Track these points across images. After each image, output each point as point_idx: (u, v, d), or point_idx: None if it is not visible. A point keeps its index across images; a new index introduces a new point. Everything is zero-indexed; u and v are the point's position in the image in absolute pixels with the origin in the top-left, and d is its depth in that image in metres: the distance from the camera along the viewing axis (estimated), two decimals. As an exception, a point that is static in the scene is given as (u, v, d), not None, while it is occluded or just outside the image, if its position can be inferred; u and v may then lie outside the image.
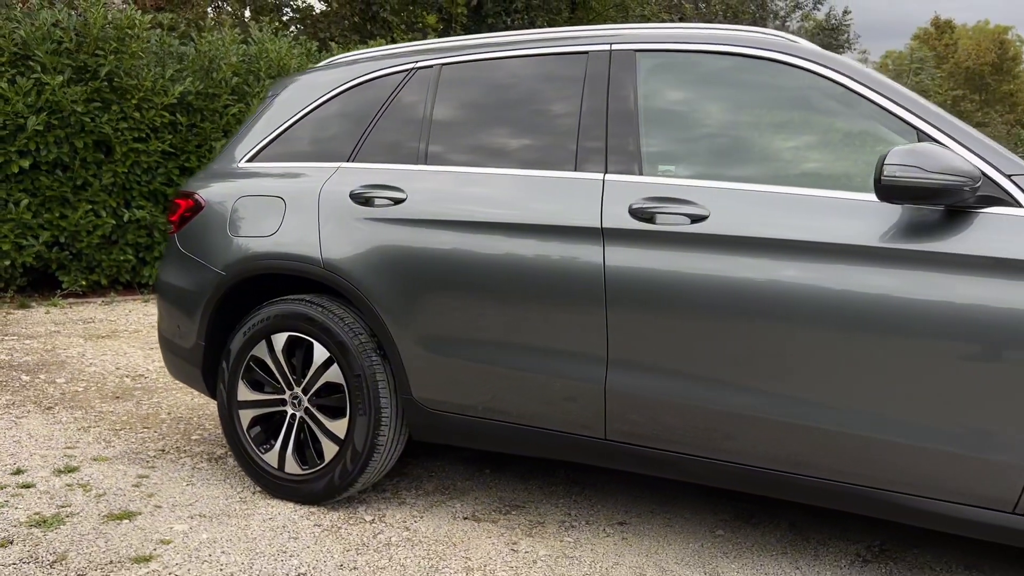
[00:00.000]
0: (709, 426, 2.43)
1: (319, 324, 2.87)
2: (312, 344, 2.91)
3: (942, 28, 51.10)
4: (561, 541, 2.77)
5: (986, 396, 2.10)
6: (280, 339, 2.96)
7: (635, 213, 2.46)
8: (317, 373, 2.91)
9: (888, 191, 2.07)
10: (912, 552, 2.73)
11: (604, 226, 2.49)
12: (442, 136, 2.88)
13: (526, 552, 2.68)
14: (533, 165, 2.69)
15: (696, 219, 2.39)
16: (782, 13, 20.62)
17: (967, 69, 47.81)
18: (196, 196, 3.24)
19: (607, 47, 2.68)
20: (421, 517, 2.94)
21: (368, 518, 2.91)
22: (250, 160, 3.24)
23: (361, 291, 2.81)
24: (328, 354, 2.88)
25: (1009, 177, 2.14)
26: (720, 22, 20.07)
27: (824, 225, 2.26)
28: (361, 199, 2.87)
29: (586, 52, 2.71)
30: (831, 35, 19.73)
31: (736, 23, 20.07)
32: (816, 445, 2.31)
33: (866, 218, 2.22)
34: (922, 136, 2.23)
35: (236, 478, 3.24)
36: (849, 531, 2.89)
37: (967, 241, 2.12)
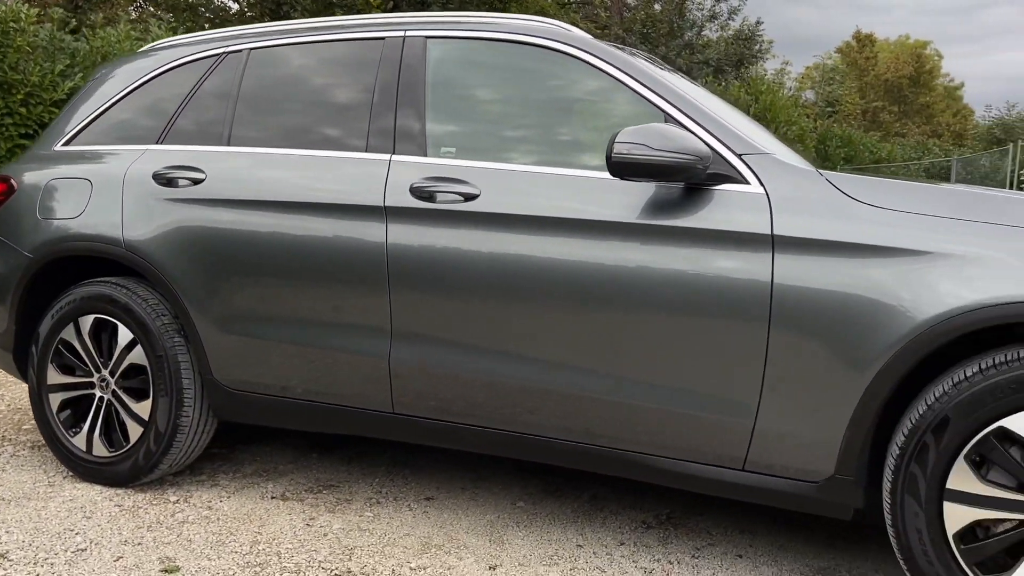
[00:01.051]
0: (486, 397, 2.53)
1: (122, 306, 2.89)
2: (117, 326, 2.92)
3: (863, 42, 52.85)
4: (360, 516, 2.83)
5: (721, 361, 2.23)
6: (87, 321, 2.96)
7: (415, 192, 2.54)
8: (122, 355, 2.92)
9: (619, 167, 2.19)
10: (695, 519, 2.87)
11: (387, 205, 2.57)
12: (247, 119, 2.93)
13: (321, 526, 2.73)
14: (329, 146, 2.76)
15: (469, 197, 2.48)
16: (699, 23, 21.15)
17: (886, 81, 49.51)
18: (11, 180, 3.22)
19: (401, 34, 2.77)
20: (228, 497, 2.97)
21: (173, 499, 2.93)
22: (65, 144, 3.23)
23: (161, 272, 2.83)
24: (132, 336, 2.90)
25: (740, 156, 2.28)
26: (639, 32, 20.47)
27: (583, 203, 2.38)
28: (163, 180, 2.89)
29: (382, 38, 2.79)
30: (745, 44, 20.36)
31: (654, 32, 20.50)
32: (576, 411, 2.43)
33: (620, 196, 2.34)
34: (668, 118, 2.36)
35: (51, 464, 3.22)
36: (645, 501, 3.01)
37: (703, 216, 2.25)
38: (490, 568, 2.48)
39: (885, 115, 47.37)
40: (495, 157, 2.58)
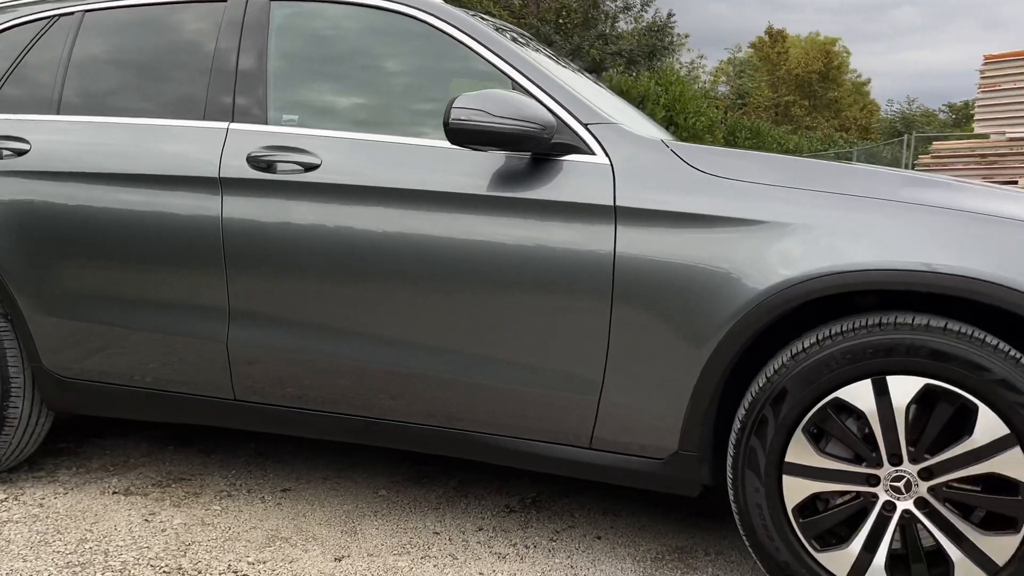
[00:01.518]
0: (333, 381, 2.40)
1: (-60, 289, 2.64)
2: (-67, 311, 2.68)
3: (775, 37, 54.27)
4: (207, 510, 2.67)
5: (567, 336, 2.15)
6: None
7: (252, 162, 2.39)
8: (-60, 342, 2.68)
9: (457, 135, 2.09)
10: (561, 502, 2.80)
11: (222, 176, 2.41)
12: (78, 85, 2.72)
13: (161, 522, 2.56)
14: (165, 114, 2.58)
15: (309, 168, 2.35)
16: (612, 14, 21.30)
17: (797, 76, 50.93)
18: None
19: (244, -5, 2.60)
20: (65, 494, 2.76)
21: (1, 497, 2.71)
22: None
23: (-20, 252, 2.60)
24: (-49, 321, 2.65)
25: (586, 126, 2.21)
26: (553, 22, 20.49)
27: (429, 173, 2.27)
28: (-17, 153, 2.66)
29: (224, 0, 2.61)
30: (657, 36, 20.60)
31: (569, 23, 20.55)
32: (427, 394, 2.32)
33: (466, 166, 2.24)
34: (515, 86, 2.27)
35: None
36: (513, 486, 2.93)
37: (549, 188, 2.17)
38: (336, 560, 2.36)
39: (796, 109, 48.78)
40: (340, 126, 2.44)
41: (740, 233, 2.00)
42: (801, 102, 50.18)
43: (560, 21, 20.51)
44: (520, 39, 2.73)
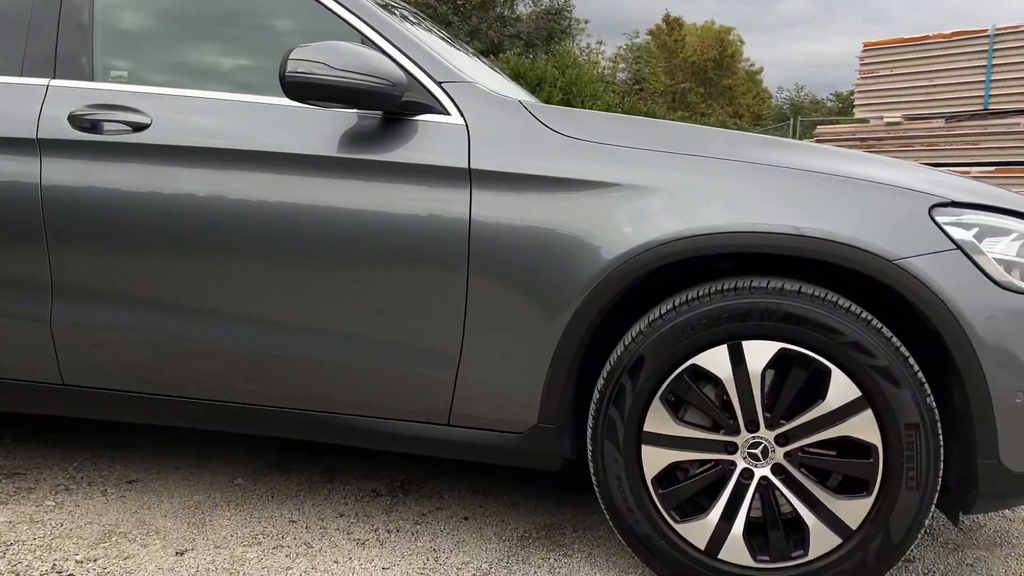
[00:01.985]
0: (172, 363, 2.20)
1: None
2: None
3: (672, 25, 55.39)
4: (39, 506, 2.43)
5: (422, 307, 2.03)
6: None
7: (74, 121, 2.17)
8: None
9: (294, 89, 1.93)
10: (431, 484, 2.69)
11: (40, 137, 2.17)
12: None
13: (-19, 521, 2.31)
14: (-26, 71, 2.31)
15: (138, 128, 2.14)
16: (510, -4, 21.21)
17: (693, 64, 52.12)
18: None
19: (67, -58, 2.34)
20: None
21: None
22: None
23: None
24: None
25: (440, 84, 2.08)
26: (452, 3, 20.21)
27: (272, 133, 2.10)
28: None
29: (45, -57, 2.36)
30: (554, 19, 20.63)
31: (468, 4, 20.31)
32: (277, 374, 2.16)
33: (314, 126, 2.09)
34: (365, 40, 2.12)
35: None
36: (382, 469, 2.80)
37: (401, 149, 2.04)
38: (178, 554, 2.17)
39: (692, 96, 49.91)
40: (173, 82, 2.24)
41: (595, 197, 1.92)
42: (697, 89, 51.39)
43: (458, 2, 20.28)
44: (411, 17, 2.58)
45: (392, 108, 2.03)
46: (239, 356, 2.16)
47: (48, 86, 2.23)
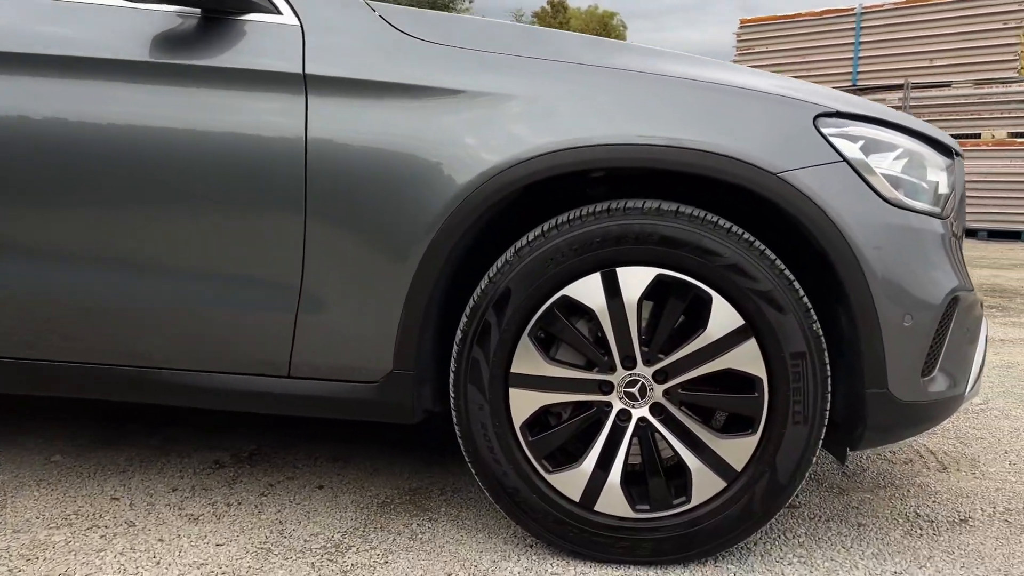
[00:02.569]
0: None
1: None
2: None
3: (557, 8, 55.79)
4: None
5: (254, 237, 1.75)
6: None
7: None
8: None
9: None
10: (283, 454, 2.40)
11: None
12: None
13: None
14: None
15: None
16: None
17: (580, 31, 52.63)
18: None
19: None
20: None
21: None
22: None
23: None
24: None
25: (272, -21, 1.79)
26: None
27: (76, 33, 1.76)
28: None
29: None
30: (440, -2, 20.23)
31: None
32: (90, 323, 1.83)
33: (122, 25, 1.76)
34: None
35: None
36: (228, 440, 2.50)
37: (225, 53, 1.75)
38: (-37, 542, 1.82)
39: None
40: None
41: (448, 107, 1.69)
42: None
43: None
44: None
45: (211, 5, 1.73)
46: (38, 304, 1.82)
47: None
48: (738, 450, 1.68)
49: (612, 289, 1.65)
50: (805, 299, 1.64)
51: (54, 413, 2.69)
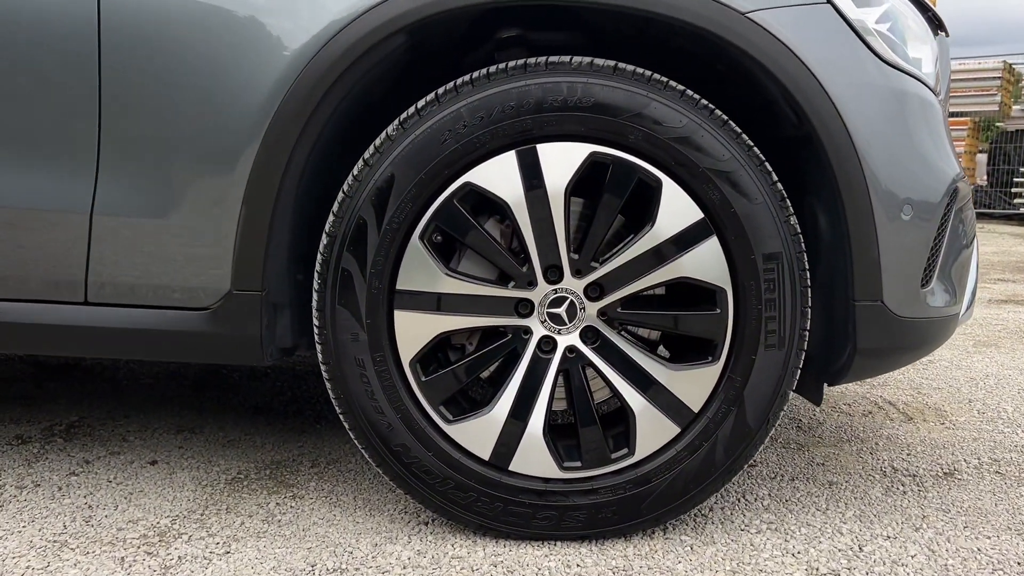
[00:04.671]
0: None
1: None
2: None
3: None
4: None
5: (30, 111, 1.25)
6: None
7: None
8: None
9: None
10: (114, 425, 1.89)
11: None
12: None
13: None
14: None
15: None
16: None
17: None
18: None
19: None
20: None
21: None
22: None
23: None
24: None
25: None
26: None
27: None
28: None
29: None
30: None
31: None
32: None
33: None
34: None
35: None
36: (42, 410, 1.96)
37: None
38: None
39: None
40: None
41: None
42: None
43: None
44: None
45: None
46: None
47: None
48: (695, 384, 1.28)
49: (531, 173, 1.23)
50: (779, 185, 1.26)
51: None
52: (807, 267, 1.27)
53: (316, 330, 1.29)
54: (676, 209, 1.24)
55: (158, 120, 1.25)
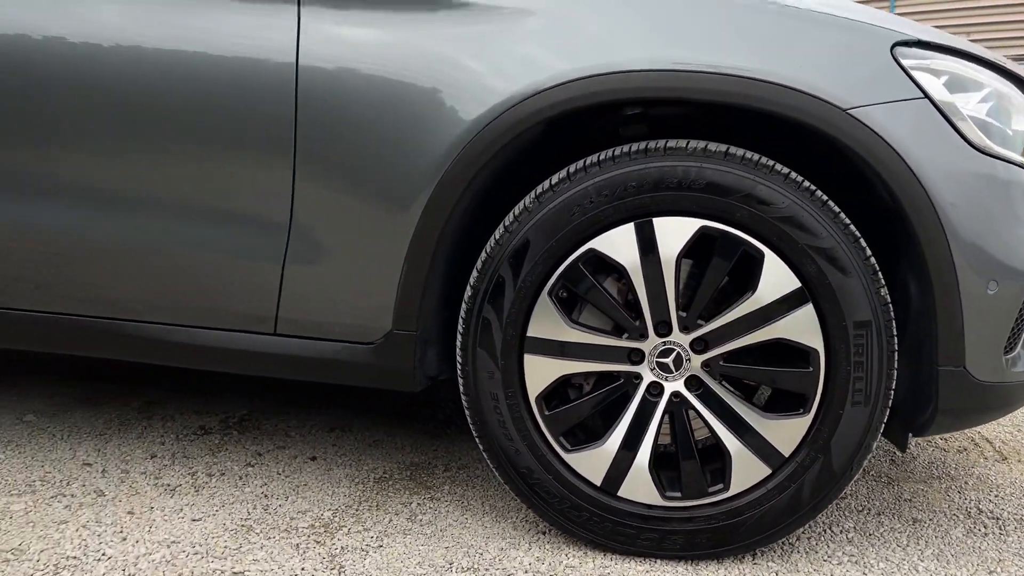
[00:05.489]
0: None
1: None
2: None
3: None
4: None
5: (233, 179, 1.53)
6: None
7: None
8: None
9: None
10: (275, 420, 2.20)
11: None
12: None
13: None
14: None
15: None
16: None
17: None
18: None
19: None
20: None
21: None
22: None
23: None
24: None
25: None
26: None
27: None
28: None
29: None
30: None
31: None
32: (62, 266, 1.63)
33: None
34: None
35: None
36: (217, 403, 2.30)
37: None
38: (-89, 508, 1.63)
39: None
40: None
41: (455, 20, 1.45)
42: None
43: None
44: None
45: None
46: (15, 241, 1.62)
47: None
48: (786, 432, 1.45)
49: (647, 243, 1.42)
50: (872, 260, 1.41)
51: (34, 367, 2.51)
52: (895, 334, 1.42)
53: (459, 366, 1.53)
54: (776, 279, 1.41)
55: (341, 185, 1.51)
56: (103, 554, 1.50)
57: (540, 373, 1.49)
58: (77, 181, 1.58)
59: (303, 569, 1.47)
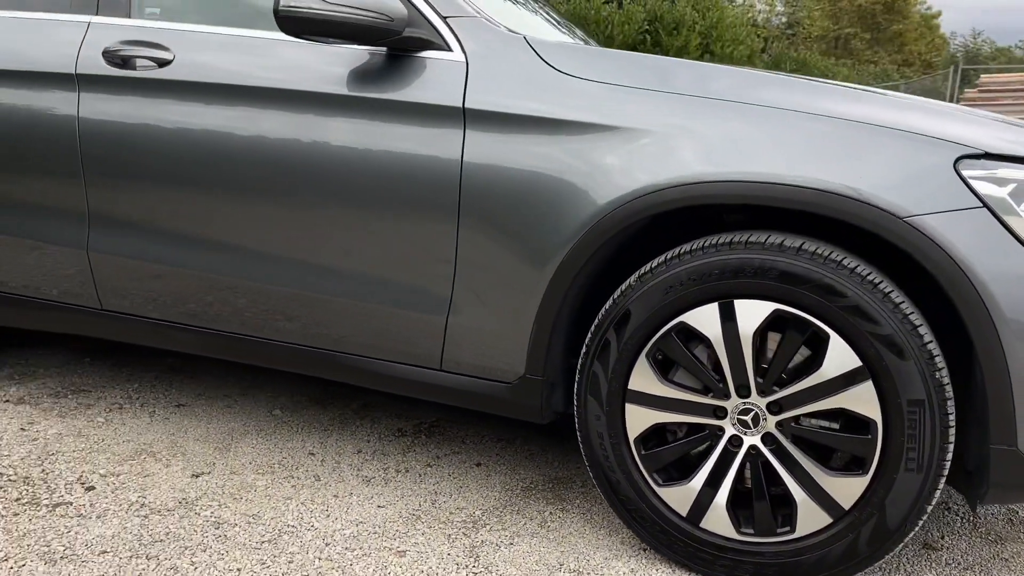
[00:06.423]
0: (190, 292, 2.29)
1: None
2: None
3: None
4: (91, 422, 2.62)
5: (415, 249, 2.01)
6: None
7: (108, 57, 2.26)
8: None
9: (287, 23, 1.91)
10: (456, 428, 2.69)
11: (79, 72, 2.28)
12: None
13: (36, 431, 2.53)
14: (29, 7, 2.44)
15: (162, 63, 2.21)
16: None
17: (859, 7, 48.52)
18: None
19: None
20: (-43, 401, 2.74)
21: None
22: None
23: None
24: None
25: (445, 19, 2.01)
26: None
27: (283, 70, 2.11)
28: None
29: None
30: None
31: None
32: (280, 307, 2.21)
33: (320, 63, 2.08)
34: (375, -24, 2.07)
35: None
36: (415, 410, 2.83)
37: (401, 87, 2.00)
38: (194, 475, 2.29)
39: (856, 42, 46.54)
40: (200, 19, 2.28)
41: (589, 139, 1.82)
42: (862, 35, 47.85)
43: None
44: None
45: (394, 44, 1.99)
46: (242, 288, 2.22)
47: (89, 23, 2.33)
48: (847, 488, 1.68)
49: (729, 320, 1.71)
50: (930, 346, 1.59)
51: (280, 371, 3.19)
52: (950, 412, 1.59)
53: (575, 408, 1.90)
54: (840, 357, 1.64)
55: (492, 257, 1.92)
56: (312, 526, 2.04)
57: (638, 420, 1.82)
58: (317, 256, 2.11)
59: (448, 554, 1.92)
